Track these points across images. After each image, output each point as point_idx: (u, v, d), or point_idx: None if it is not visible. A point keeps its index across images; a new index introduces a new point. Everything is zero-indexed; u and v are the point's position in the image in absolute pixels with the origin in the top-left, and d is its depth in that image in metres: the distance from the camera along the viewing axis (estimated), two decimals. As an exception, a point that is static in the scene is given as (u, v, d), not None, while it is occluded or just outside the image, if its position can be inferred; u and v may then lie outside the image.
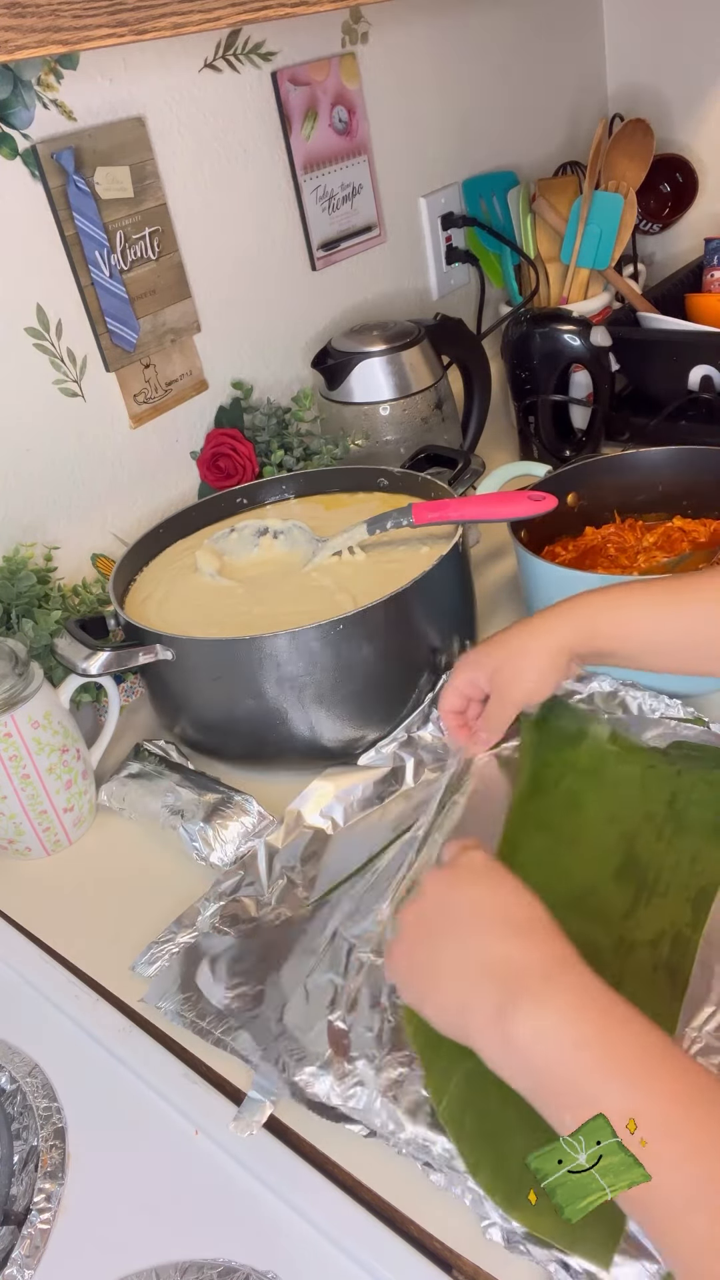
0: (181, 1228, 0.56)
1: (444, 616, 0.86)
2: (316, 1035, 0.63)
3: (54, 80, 0.90)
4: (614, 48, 1.53)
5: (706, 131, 1.49)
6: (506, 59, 1.38)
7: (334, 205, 1.19)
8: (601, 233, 1.28)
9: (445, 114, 1.31)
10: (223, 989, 0.67)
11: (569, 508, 0.98)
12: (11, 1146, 0.61)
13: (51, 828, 0.82)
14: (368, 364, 1.12)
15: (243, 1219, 0.56)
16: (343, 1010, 0.64)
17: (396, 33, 1.21)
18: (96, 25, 0.61)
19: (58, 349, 0.95)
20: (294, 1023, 0.64)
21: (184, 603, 0.90)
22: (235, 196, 1.09)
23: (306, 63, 1.11)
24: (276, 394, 1.18)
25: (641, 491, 0.99)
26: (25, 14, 0.57)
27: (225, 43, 1.03)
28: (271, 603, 0.88)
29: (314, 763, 0.83)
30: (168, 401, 1.07)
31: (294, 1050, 0.62)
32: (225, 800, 0.80)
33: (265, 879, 0.75)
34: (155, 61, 0.98)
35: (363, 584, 0.88)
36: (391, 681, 0.83)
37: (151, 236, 1.00)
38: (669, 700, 0.81)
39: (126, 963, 0.71)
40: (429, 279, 1.36)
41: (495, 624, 0.98)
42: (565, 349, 1.16)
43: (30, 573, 0.88)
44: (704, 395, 1.18)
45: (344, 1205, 0.55)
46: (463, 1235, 0.53)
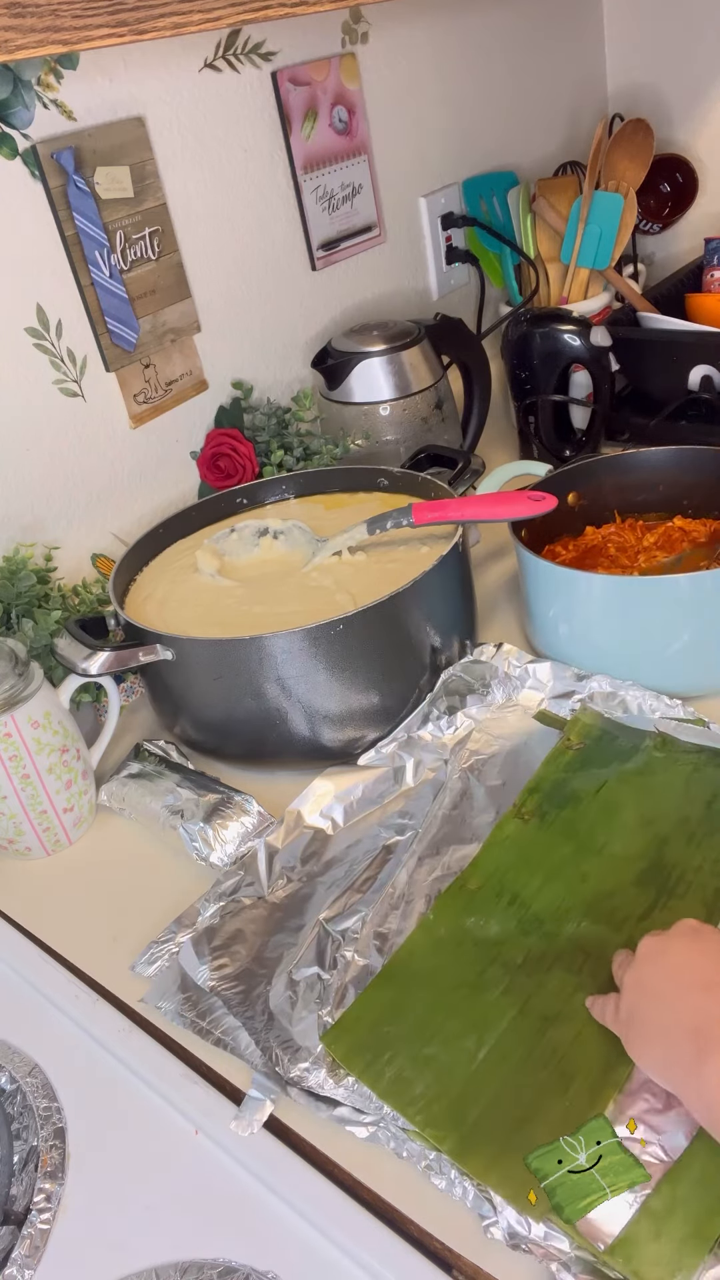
0: (181, 1227, 0.56)
1: (444, 616, 0.86)
2: (306, 1029, 0.63)
3: (54, 80, 0.90)
4: (614, 48, 1.53)
5: (706, 131, 1.49)
6: (507, 59, 1.38)
7: (334, 205, 1.19)
8: (601, 233, 1.28)
9: (445, 114, 1.31)
10: (206, 969, 0.68)
11: (569, 507, 0.98)
12: (11, 1146, 0.61)
13: (51, 828, 0.82)
14: (368, 364, 1.12)
15: (243, 1219, 0.56)
16: (331, 1006, 0.64)
17: (396, 33, 1.21)
18: (96, 25, 0.61)
19: (58, 349, 0.95)
20: (280, 1009, 0.64)
21: (184, 603, 0.90)
22: (235, 196, 1.09)
23: (306, 63, 1.11)
24: (276, 394, 1.18)
25: (642, 491, 0.99)
26: (25, 14, 0.57)
27: (225, 43, 1.03)
28: (271, 603, 0.88)
29: (314, 763, 0.83)
30: (168, 401, 1.07)
31: (286, 1043, 0.63)
32: (225, 800, 0.80)
33: (265, 879, 0.75)
34: (155, 61, 0.98)
35: (363, 584, 0.88)
36: (391, 681, 0.83)
37: (151, 236, 1.00)
38: (669, 700, 0.81)
39: (126, 963, 0.71)
40: (429, 279, 1.36)
41: (495, 624, 0.98)
42: (565, 349, 1.16)
43: (30, 573, 0.88)
44: (704, 395, 1.18)
45: (344, 1205, 0.55)
46: (463, 1235, 0.53)
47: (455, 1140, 0.56)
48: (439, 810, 0.77)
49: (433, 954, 0.67)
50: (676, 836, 0.72)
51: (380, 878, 0.73)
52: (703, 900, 0.67)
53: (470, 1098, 0.58)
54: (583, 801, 0.76)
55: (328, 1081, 0.60)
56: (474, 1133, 0.56)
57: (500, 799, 0.78)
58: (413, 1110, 0.58)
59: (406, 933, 0.68)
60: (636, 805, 0.75)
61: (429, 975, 0.65)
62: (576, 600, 0.85)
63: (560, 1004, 0.62)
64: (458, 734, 0.84)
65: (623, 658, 0.84)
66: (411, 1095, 0.58)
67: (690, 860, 0.70)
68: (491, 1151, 0.55)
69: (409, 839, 0.76)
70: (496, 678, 0.87)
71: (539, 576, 0.88)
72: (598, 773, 0.78)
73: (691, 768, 0.77)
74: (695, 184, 1.51)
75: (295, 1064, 0.61)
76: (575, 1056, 0.59)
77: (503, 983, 0.64)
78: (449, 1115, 0.57)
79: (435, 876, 0.72)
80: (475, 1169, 0.55)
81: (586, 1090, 0.57)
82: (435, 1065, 0.60)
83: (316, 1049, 0.62)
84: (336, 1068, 0.61)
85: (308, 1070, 0.61)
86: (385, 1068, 0.60)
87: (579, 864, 0.72)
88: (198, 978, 0.67)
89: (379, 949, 0.68)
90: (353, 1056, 0.61)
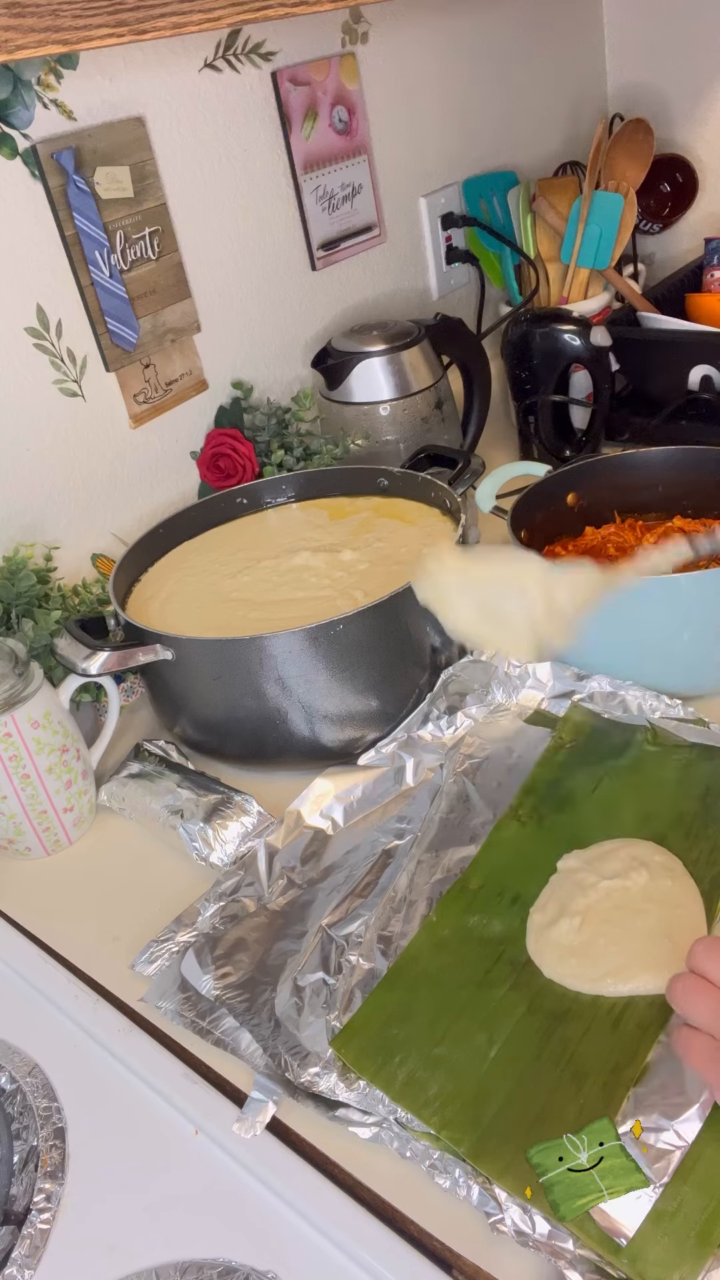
0: (181, 1227, 0.56)
1: (444, 616, 0.86)
2: (314, 1035, 0.63)
3: (54, 80, 0.90)
4: (614, 48, 1.53)
5: (706, 131, 1.49)
6: (507, 59, 1.38)
7: (334, 205, 1.19)
8: (601, 233, 1.28)
9: (445, 114, 1.31)
10: (210, 978, 0.67)
11: (569, 507, 0.98)
12: (11, 1146, 0.61)
13: (51, 828, 0.82)
14: (368, 364, 1.12)
15: (243, 1219, 0.56)
16: (339, 1011, 0.64)
17: (396, 33, 1.21)
18: (96, 25, 0.61)
19: (58, 349, 0.95)
20: (287, 1016, 0.64)
21: (184, 603, 0.90)
22: (235, 196, 1.09)
23: (306, 63, 1.11)
24: (276, 394, 1.18)
25: (642, 491, 0.99)
26: (25, 14, 0.57)
27: (225, 43, 1.03)
28: (272, 603, 0.88)
29: (314, 763, 0.83)
30: (168, 401, 1.07)
31: (295, 1049, 0.62)
32: (225, 800, 0.80)
33: (265, 879, 0.75)
34: (155, 61, 0.98)
35: (363, 584, 0.88)
36: (391, 682, 0.83)
37: (151, 236, 1.00)
38: (669, 700, 0.81)
39: (126, 962, 0.71)
40: (429, 279, 1.36)
41: (495, 624, 0.98)
42: (565, 349, 1.16)
43: (30, 573, 0.88)
44: (704, 395, 1.18)
45: (344, 1205, 0.55)
46: (463, 1235, 0.53)
47: (472, 1141, 0.56)
48: (436, 814, 0.77)
49: (437, 954, 0.67)
50: (674, 832, 0.72)
51: (381, 881, 0.73)
52: (702, 891, 0.67)
53: (485, 1098, 0.58)
54: (579, 801, 0.76)
55: (339, 1086, 0.60)
56: (490, 1134, 0.56)
57: (497, 801, 0.78)
58: (428, 1113, 0.57)
59: (410, 935, 0.68)
60: (633, 803, 0.75)
61: (435, 976, 0.65)
62: (576, 600, 0.85)
63: (568, 1001, 0.62)
64: (457, 734, 0.84)
65: (623, 658, 0.84)
66: (426, 1097, 0.58)
67: (688, 854, 0.70)
68: (508, 1152, 0.55)
69: (408, 843, 0.75)
70: (496, 678, 0.87)
71: (539, 577, 0.88)
72: (592, 770, 0.78)
73: (684, 763, 0.77)
74: (695, 184, 1.51)
75: (305, 1069, 0.61)
76: (586, 1054, 0.59)
77: (509, 980, 0.64)
78: (465, 1116, 0.57)
79: (436, 879, 0.72)
80: (493, 1171, 0.54)
81: (599, 1088, 0.57)
82: (447, 1065, 0.60)
83: (326, 1054, 0.62)
84: (347, 1072, 0.60)
85: (318, 1075, 0.61)
86: (397, 1070, 0.60)
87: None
88: (202, 987, 0.67)
89: (383, 952, 0.68)
90: (363, 1060, 0.61)
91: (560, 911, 0.66)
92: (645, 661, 0.83)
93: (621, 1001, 0.62)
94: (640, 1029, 0.60)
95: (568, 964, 0.64)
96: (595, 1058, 0.59)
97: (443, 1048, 0.61)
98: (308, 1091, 0.60)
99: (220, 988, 0.67)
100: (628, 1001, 0.62)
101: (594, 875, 0.68)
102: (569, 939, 0.65)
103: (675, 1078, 0.57)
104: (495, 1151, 0.55)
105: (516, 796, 0.77)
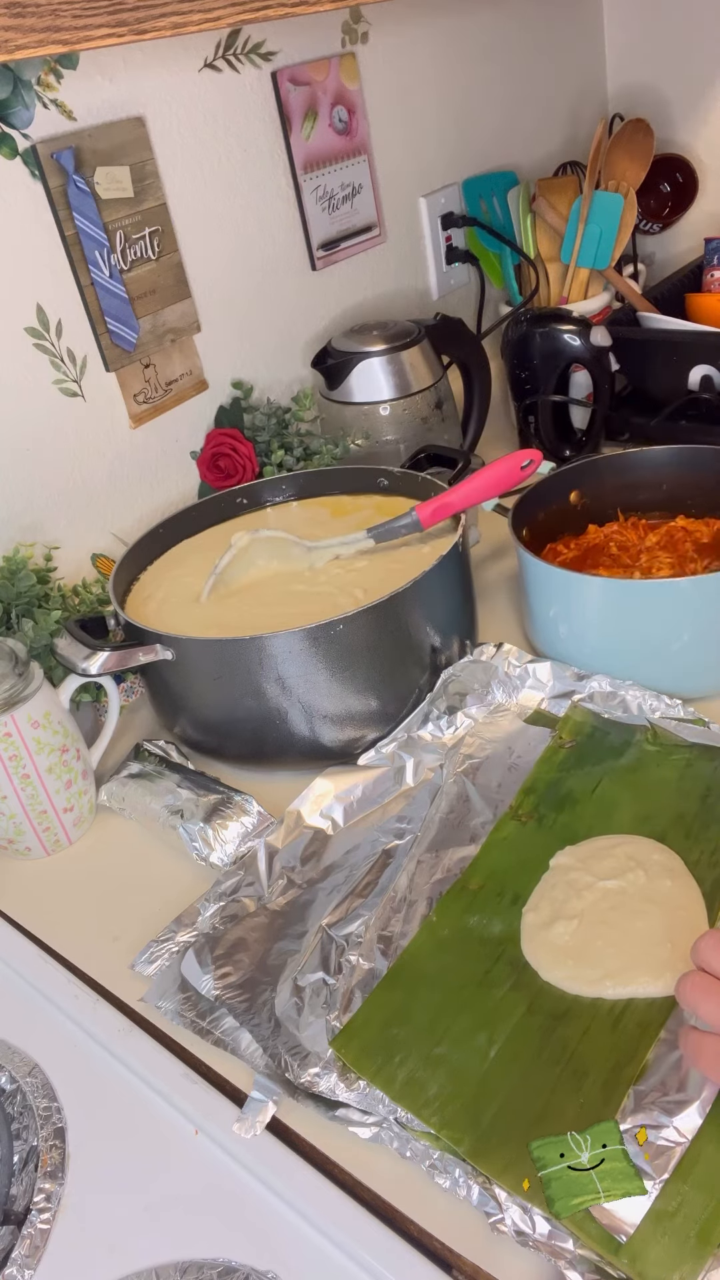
0: (181, 1227, 0.56)
1: (444, 616, 0.86)
2: (314, 1035, 0.63)
3: (54, 80, 0.90)
4: (614, 48, 1.53)
5: (706, 131, 1.49)
6: (506, 59, 1.38)
7: (334, 205, 1.19)
8: (601, 233, 1.28)
9: (445, 114, 1.31)
10: (210, 978, 0.67)
11: (571, 505, 0.98)
12: (11, 1146, 0.61)
13: (51, 828, 0.81)
14: (368, 364, 1.12)
15: (243, 1219, 0.56)
16: (339, 1011, 0.64)
17: (397, 33, 1.21)
18: (96, 25, 0.61)
19: (58, 349, 0.95)
20: (287, 1016, 0.64)
21: (184, 603, 0.90)
22: (235, 196, 1.09)
23: (306, 63, 1.11)
24: (276, 394, 1.18)
25: (645, 490, 0.99)
26: (25, 14, 0.57)
27: (225, 43, 1.03)
28: (272, 603, 0.88)
29: (314, 763, 0.83)
30: (168, 401, 1.07)
31: (295, 1049, 0.62)
32: (225, 800, 0.80)
33: (265, 879, 0.75)
34: (155, 61, 0.98)
35: (363, 584, 0.88)
36: (391, 681, 0.83)
37: (151, 236, 1.00)
38: (669, 700, 0.81)
39: (126, 962, 0.71)
40: (429, 279, 1.36)
41: (495, 624, 0.98)
42: (565, 349, 1.16)
43: (30, 573, 0.88)
44: (704, 395, 1.18)
45: (344, 1205, 0.55)
46: (463, 1235, 0.53)
47: (472, 1141, 0.56)
48: (436, 815, 0.77)
49: (437, 954, 0.67)
50: (674, 832, 0.72)
51: (381, 882, 0.73)
52: (702, 892, 0.67)
53: (485, 1098, 0.58)
54: (579, 801, 0.76)
55: (339, 1086, 0.60)
56: (490, 1133, 0.56)
57: (496, 800, 0.78)
58: (428, 1112, 0.57)
59: (410, 935, 0.68)
60: (633, 802, 0.75)
61: (435, 975, 0.65)
62: (576, 601, 0.85)
63: (568, 1000, 0.62)
64: (457, 734, 0.84)
65: (623, 658, 0.84)
66: (426, 1097, 0.58)
67: (688, 854, 0.70)
68: (508, 1152, 0.55)
69: (408, 843, 0.75)
70: (496, 678, 0.87)
71: (538, 577, 0.88)
72: (592, 770, 0.78)
73: (684, 764, 0.77)
74: (695, 184, 1.51)
75: (305, 1070, 0.61)
76: (586, 1053, 0.59)
77: (509, 980, 0.64)
78: (465, 1116, 0.57)
79: (436, 879, 0.72)
80: (493, 1170, 0.54)
81: (599, 1087, 0.57)
82: (447, 1065, 0.60)
83: (326, 1054, 0.62)
84: (347, 1072, 0.60)
85: (318, 1075, 0.61)
86: (397, 1070, 0.60)
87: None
88: (202, 987, 0.67)
89: (383, 952, 0.68)
90: (364, 1060, 0.61)
91: (555, 913, 0.66)
92: (645, 662, 0.83)
93: (622, 1001, 0.62)
94: (640, 1028, 0.60)
95: (564, 966, 0.64)
96: (595, 1057, 0.59)
97: (443, 1048, 0.61)
98: (308, 1091, 0.60)
99: (220, 988, 0.67)
100: (628, 1001, 0.62)
101: (589, 875, 0.68)
102: (564, 941, 0.65)
103: (675, 1075, 0.57)
104: (495, 1151, 0.55)
105: (516, 796, 0.77)
